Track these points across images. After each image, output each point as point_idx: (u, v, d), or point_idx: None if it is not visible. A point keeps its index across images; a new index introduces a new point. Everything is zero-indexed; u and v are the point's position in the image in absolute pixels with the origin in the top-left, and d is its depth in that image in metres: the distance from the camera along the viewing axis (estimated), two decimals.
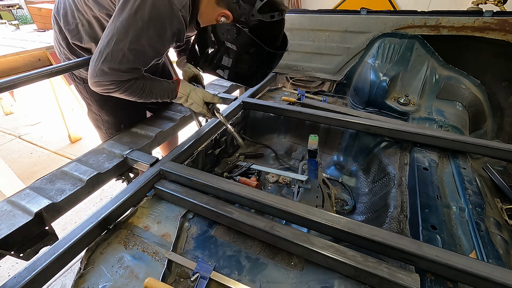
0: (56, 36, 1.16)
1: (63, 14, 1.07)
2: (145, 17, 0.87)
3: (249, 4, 0.93)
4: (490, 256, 0.83)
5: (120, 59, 0.91)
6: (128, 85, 0.99)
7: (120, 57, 0.91)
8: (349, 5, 5.33)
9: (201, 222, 0.97)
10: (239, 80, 1.20)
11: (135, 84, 1.01)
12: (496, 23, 1.51)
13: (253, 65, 1.09)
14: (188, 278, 0.78)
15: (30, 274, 0.70)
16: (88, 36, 1.08)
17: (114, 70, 0.92)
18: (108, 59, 0.90)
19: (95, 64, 0.92)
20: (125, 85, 0.98)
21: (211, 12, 1.01)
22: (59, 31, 1.12)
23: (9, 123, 3.73)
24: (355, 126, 1.48)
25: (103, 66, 0.91)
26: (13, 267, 1.89)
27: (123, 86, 0.98)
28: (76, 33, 1.08)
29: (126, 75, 0.96)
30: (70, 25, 1.06)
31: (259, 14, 0.94)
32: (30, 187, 0.99)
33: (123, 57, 0.91)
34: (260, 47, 0.98)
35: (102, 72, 0.92)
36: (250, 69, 1.11)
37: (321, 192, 1.26)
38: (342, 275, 0.78)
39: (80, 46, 1.12)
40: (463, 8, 1.72)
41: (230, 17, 0.98)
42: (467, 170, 1.19)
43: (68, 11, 1.06)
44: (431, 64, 1.75)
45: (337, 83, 2.11)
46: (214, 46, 1.04)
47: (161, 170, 1.07)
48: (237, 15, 0.97)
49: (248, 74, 1.14)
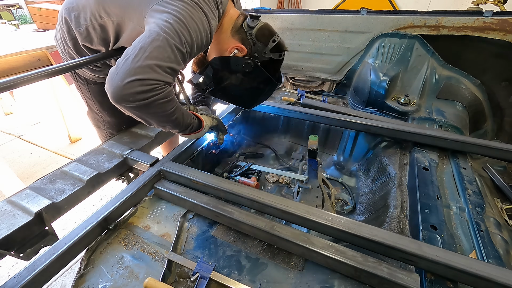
0: (62, 35, 1.16)
1: (75, 16, 1.06)
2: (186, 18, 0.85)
3: (263, 44, 1.08)
4: (490, 256, 0.83)
5: (168, 55, 0.80)
6: (168, 90, 0.83)
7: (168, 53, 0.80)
8: (349, 5, 5.34)
9: (201, 222, 0.97)
10: (241, 104, 1.36)
11: (171, 93, 0.86)
12: (496, 23, 1.51)
13: (257, 93, 1.22)
14: (188, 278, 0.78)
15: (30, 274, 0.70)
16: (99, 39, 1.07)
17: (161, 68, 0.79)
18: (154, 54, 0.77)
19: (133, 62, 0.76)
20: (166, 90, 0.82)
21: (225, 41, 1.10)
22: (67, 31, 1.11)
23: (9, 123, 3.73)
24: (355, 126, 1.48)
25: (147, 62, 0.76)
26: (13, 267, 1.89)
27: (164, 91, 0.81)
28: (86, 35, 1.07)
29: (169, 76, 0.82)
30: (81, 26, 1.05)
31: (270, 53, 1.10)
32: (30, 187, 0.99)
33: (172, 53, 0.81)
34: (269, 80, 1.13)
35: (145, 69, 0.76)
36: (253, 97, 1.25)
37: (321, 192, 1.26)
38: (342, 275, 0.78)
39: (89, 47, 1.12)
40: (463, 8, 1.72)
41: (244, 51, 1.08)
42: (467, 170, 1.20)
43: (81, 13, 1.04)
44: (431, 64, 1.75)
45: (337, 83, 2.12)
46: (226, 74, 1.13)
47: (161, 170, 1.07)
48: (250, 51, 1.09)
49: (251, 100, 1.28)
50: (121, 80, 0.75)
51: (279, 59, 1.13)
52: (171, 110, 0.87)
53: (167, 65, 0.80)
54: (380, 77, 1.75)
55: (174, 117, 0.91)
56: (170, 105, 0.86)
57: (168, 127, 0.97)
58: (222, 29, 1.10)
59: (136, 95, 0.76)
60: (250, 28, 1.06)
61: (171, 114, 0.89)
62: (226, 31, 1.09)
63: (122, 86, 0.75)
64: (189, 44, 0.86)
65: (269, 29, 1.10)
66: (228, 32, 1.09)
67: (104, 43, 1.09)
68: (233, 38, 1.09)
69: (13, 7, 6.24)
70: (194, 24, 0.87)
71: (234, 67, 1.09)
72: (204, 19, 0.92)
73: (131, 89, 0.75)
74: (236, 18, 1.09)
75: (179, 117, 0.94)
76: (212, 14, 0.96)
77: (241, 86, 1.16)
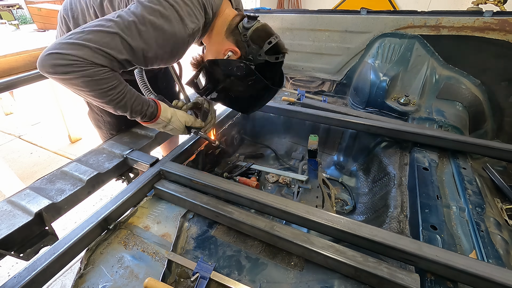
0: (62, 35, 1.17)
1: (72, 16, 1.08)
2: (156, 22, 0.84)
3: (258, 46, 1.02)
4: (490, 256, 0.83)
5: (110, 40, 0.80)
6: (95, 70, 0.82)
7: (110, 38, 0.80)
8: (349, 5, 5.34)
9: (201, 222, 0.97)
10: (238, 109, 1.32)
11: (105, 74, 0.84)
12: (496, 23, 1.51)
13: (253, 98, 1.17)
14: (188, 278, 0.78)
15: (30, 274, 0.70)
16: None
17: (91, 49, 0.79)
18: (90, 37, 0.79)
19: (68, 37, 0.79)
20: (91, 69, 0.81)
21: (219, 43, 1.07)
22: (67, 30, 1.13)
23: (9, 123, 3.74)
24: (355, 126, 1.48)
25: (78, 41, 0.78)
26: (13, 267, 1.89)
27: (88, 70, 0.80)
28: None
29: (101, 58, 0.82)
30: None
31: (266, 55, 1.02)
32: (30, 187, 0.99)
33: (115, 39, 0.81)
34: (264, 84, 1.04)
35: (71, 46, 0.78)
36: (250, 101, 1.20)
37: (321, 192, 1.26)
38: (342, 275, 0.78)
39: None
40: (463, 8, 1.72)
41: (238, 54, 1.04)
42: (467, 170, 1.20)
43: (79, 14, 1.07)
44: (431, 64, 1.75)
45: (337, 83, 2.12)
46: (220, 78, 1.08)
47: (161, 170, 1.07)
48: (245, 53, 1.03)
49: (248, 105, 1.22)
50: (48, 50, 0.78)
51: (276, 61, 1.06)
52: (102, 90, 0.85)
53: (102, 48, 0.79)
54: (380, 77, 1.75)
55: (109, 99, 0.88)
56: (100, 85, 0.84)
57: (111, 110, 0.94)
58: (215, 30, 1.06)
59: (55, 67, 0.78)
60: (245, 29, 1.02)
61: (103, 95, 0.86)
62: (219, 32, 1.06)
63: (44, 56, 0.78)
64: (143, 41, 0.84)
65: (266, 30, 1.05)
66: (222, 33, 1.05)
67: None
68: (228, 40, 1.05)
69: (13, 7, 6.25)
70: (158, 23, 0.85)
71: (226, 71, 1.04)
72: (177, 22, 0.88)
73: (50, 61, 0.78)
74: (231, 19, 1.05)
75: (120, 100, 0.90)
76: (194, 17, 0.92)
77: (236, 90, 1.11)
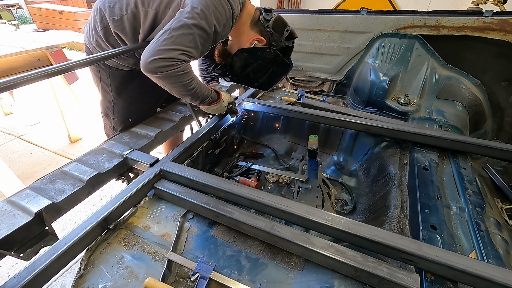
0: (93, 25, 1.25)
1: (109, 6, 1.18)
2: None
3: (278, 34, 1.27)
4: (490, 256, 0.83)
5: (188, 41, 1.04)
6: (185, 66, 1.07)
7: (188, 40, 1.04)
8: (349, 5, 5.33)
9: (201, 222, 0.97)
10: (260, 87, 1.53)
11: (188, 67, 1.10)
12: (496, 23, 1.51)
13: (274, 76, 1.44)
14: (188, 278, 0.78)
15: (30, 274, 0.70)
16: (130, 27, 1.20)
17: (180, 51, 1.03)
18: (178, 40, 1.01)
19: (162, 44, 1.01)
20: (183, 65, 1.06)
21: (245, 33, 1.27)
22: (100, 20, 1.21)
23: (9, 123, 3.73)
24: (355, 126, 1.49)
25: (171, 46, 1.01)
26: (13, 267, 1.89)
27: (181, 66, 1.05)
28: (119, 23, 1.18)
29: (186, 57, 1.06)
30: (115, 16, 1.17)
31: (285, 41, 1.29)
32: (30, 187, 0.99)
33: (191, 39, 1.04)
34: (286, 64, 1.34)
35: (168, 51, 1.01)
36: (270, 79, 1.46)
37: (321, 192, 1.26)
38: (342, 275, 0.78)
39: (119, 35, 1.23)
40: (463, 8, 1.72)
41: (263, 42, 1.27)
42: (467, 170, 1.20)
43: (116, 4, 1.17)
44: (431, 64, 1.75)
45: (337, 83, 2.12)
46: (250, 62, 1.33)
47: (161, 170, 1.07)
48: (268, 41, 1.27)
49: (268, 82, 1.49)
50: (151, 57, 1.00)
51: (292, 45, 1.33)
52: (188, 81, 1.10)
53: (186, 49, 1.03)
54: (380, 77, 1.75)
55: (191, 87, 1.13)
56: (187, 77, 1.09)
57: (188, 98, 1.19)
58: (241, 22, 1.24)
59: (160, 68, 1.02)
60: (267, 21, 1.23)
61: (188, 84, 1.11)
62: (245, 23, 1.25)
63: (150, 62, 1.00)
64: (211, 31, 1.05)
65: (282, 21, 1.27)
66: (247, 25, 1.25)
67: (133, 31, 1.22)
68: (252, 30, 1.26)
69: (13, 7, 6.24)
70: (218, 13, 1.06)
71: (257, 56, 1.28)
72: (228, 9, 1.09)
73: (157, 63, 1.00)
74: (253, 12, 1.24)
75: (196, 87, 1.16)
76: (237, 4, 1.15)
77: (262, 71, 1.38)
